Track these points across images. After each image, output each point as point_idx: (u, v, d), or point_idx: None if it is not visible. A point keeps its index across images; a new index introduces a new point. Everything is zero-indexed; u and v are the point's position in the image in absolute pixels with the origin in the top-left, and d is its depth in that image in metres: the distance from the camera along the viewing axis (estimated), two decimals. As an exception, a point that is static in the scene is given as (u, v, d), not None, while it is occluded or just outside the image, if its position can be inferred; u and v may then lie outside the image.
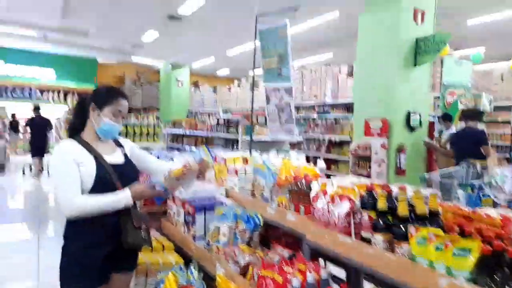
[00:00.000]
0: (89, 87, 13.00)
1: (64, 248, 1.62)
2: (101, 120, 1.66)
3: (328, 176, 2.17)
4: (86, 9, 8.10)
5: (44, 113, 8.66)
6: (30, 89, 12.70)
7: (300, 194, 1.79)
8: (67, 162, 1.55)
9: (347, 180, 1.78)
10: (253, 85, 3.64)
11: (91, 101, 1.69)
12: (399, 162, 4.58)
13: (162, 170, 1.77)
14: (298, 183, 1.81)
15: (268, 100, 3.23)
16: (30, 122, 8.42)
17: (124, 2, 7.48)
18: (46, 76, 12.82)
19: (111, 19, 8.69)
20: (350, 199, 1.46)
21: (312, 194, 1.70)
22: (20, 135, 11.06)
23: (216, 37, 9.69)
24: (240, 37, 9.26)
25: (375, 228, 1.33)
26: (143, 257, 1.99)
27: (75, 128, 1.71)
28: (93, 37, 10.22)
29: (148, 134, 4.59)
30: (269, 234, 2.04)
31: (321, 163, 2.76)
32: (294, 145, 7.69)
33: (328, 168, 6.90)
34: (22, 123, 10.43)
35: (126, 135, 4.53)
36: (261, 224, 1.97)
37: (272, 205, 1.94)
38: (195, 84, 15.17)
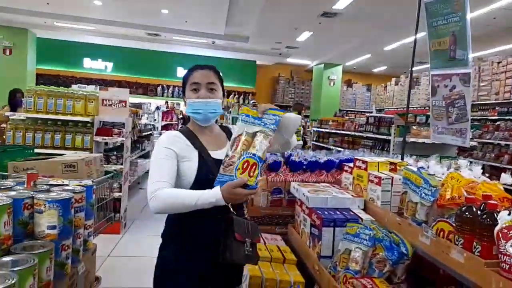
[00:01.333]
0: (249, 87, 14.02)
1: (160, 249, 1.50)
2: (187, 102, 1.51)
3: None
4: (246, 18, 8.70)
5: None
6: (201, 90, 14.56)
7: (475, 225, 1.19)
8: (165, 152, 1.41)
9: None
10: (411, 76, 2.98)
11: None
12: None
13: None
14: (474, 208, 1.22)
15: (434, 91, 2.53)
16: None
17: (279, 6, 7.60)
18: (215, 77, 14.45)
19: (267, 24, 9.07)
20: None
21: (498, 228, 1.09)
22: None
23: (373, 31, 8.92)
24: (400, 29, 8.24)
25: None
26: (260, 268, 1.72)
27: (184, 124, 1.62)
28: (252, 42, 10.90)
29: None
30: (419, 271, 1.49)
31: (507, 178, 1.97)
32: (463, 151, 6.33)
33: (513, 184, 5.39)
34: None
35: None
36: (409, 255, 1.44)
37: (427, 232, 1.38)
38: (348, 83, 14.55)
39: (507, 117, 6.99)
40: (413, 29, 2.83)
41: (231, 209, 1.37)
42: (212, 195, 1.30)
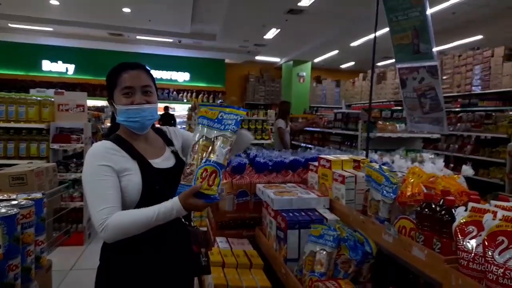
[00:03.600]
0: (218, 86, 13.87)
1: (98, 274, 1.34)
2: (117, 109, 1.30)
3: (476, 187, 1.49)
4: (212, 15, 8.62)
5: (178, 111, 11.17)
6: (169, 90, 14.21)
7: (434, 221, 1.19)
8: (101, 170, 1.21)
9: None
10: (372, 72, 3.01)
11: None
12: None
13: None
14: (432, 205, 1.21)
15: (403, 83, 2.56)
16: (161, 117, 10.17)
17: (245, 3, 7.53)
18: (182, 77, 14.14)
19: (234, 22, 8.98)
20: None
21: (456, 224, 1.09)
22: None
23: (339, 27, 9.03)
24: (365, 25, 8.40)
25: None
26: (225, 275, 1.66)
27: (113, 131, 1.39)
28: (220, 40, 10.77)
29: (256, 130, 4.39)
30: (385, 269, 1.48)
31: (468, 169, 2.01)
32: (429, 144, 6.53)
33: (476, 173, 5.63)
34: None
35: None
36: (374, 254, 1.43)
37: (389, 230, 1.37)
38: (317, 79, 14.70)
39: (468, 109, 7.27)
40: (377, 24, 2.86)
41: (182, 218, 1.28)
42: (170, 208, 1.17)
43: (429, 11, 2.32)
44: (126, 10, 8.10)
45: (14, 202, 1.62)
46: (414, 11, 2.35)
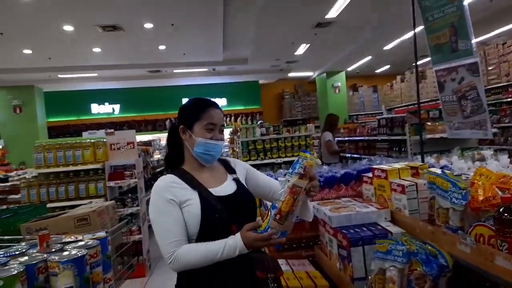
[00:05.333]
0: (255, 107, 14.04)
1: None
2: (195, 141, 1.39)
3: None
4: (242, 41, 8.85)
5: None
6: (208, 117, 14.57)
7: (517, 226, 1.08)
8: (165, 204, 1.30)
9: None
10: (417, 74, 2.89)
11: (179, 123, 1.44)
12: None
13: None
14: (512, 208, 1.11)
15: (441, 86, 2.43)
16: None
17: (272, 24, 7.64)
18: (220, 103, 14.37)
19: (263, 43, 9.14)
20: None
21: (545, 228, 0.98)
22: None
23: (369, 33, 8.87)
24: (396, 27, 8.19)
25: None
26: (292, 300, 1.62)
27: (174, 160, 1.48)
28: (252, 62, 10.97)
29: (300, 147, 4.33)
30: (463, 282, 1.36)
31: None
32: (484, 140, 6.10)
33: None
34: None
35: (278, 150, 4.39)
36: (450, 267, 1.32)
37: (465, 240, 1.27)
38: (353, 87, 14.44)
39: (523, 97, 6.75)
40: (408, 25, 2.77)
41: None
42: (233, 247, 1.23)
43: (466, 2, 2.21)
44: (162, 47, 8.53)
45: (81, 243, 1.68)
46: (451, 6, 2.25)
